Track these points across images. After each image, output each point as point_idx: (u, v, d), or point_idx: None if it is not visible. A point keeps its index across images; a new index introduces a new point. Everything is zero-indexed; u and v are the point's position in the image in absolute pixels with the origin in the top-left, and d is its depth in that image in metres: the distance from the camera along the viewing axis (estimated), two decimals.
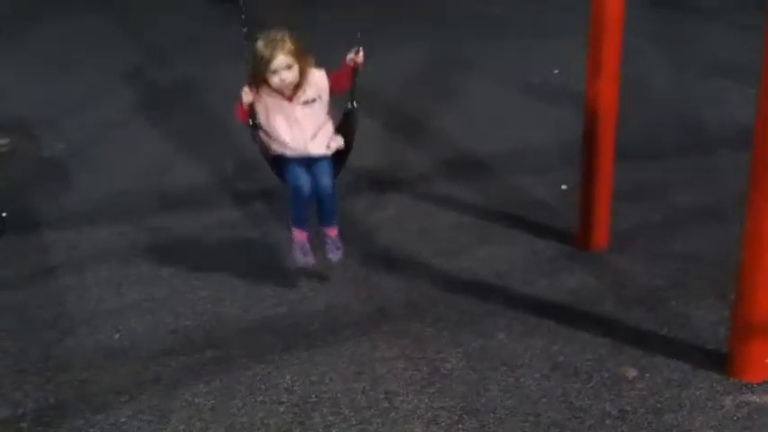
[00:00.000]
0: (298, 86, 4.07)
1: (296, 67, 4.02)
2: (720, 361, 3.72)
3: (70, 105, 7.22)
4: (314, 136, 4.14)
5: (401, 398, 3.63)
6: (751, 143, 3.50)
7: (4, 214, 5.28)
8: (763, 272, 3.58)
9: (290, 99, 4.09)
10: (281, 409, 3.61)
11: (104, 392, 3.76)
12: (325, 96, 4.14)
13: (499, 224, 5.04)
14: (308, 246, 4.30)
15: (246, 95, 4.06)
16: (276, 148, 4.17)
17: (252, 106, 4.10)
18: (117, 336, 4.16)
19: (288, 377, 3.80)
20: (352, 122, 4.29)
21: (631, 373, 3.72)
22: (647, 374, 3.70)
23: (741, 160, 3.84)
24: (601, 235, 4.71)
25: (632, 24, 4.54)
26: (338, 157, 4.26)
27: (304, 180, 4.14)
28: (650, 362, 3.77)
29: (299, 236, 4.30)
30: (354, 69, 4.11)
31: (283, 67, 4.00)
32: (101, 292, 4.53)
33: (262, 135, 4.17)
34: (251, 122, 4.14)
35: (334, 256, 4.37)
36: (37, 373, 3.91)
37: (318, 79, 4.13)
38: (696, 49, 8.19)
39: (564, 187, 5.35)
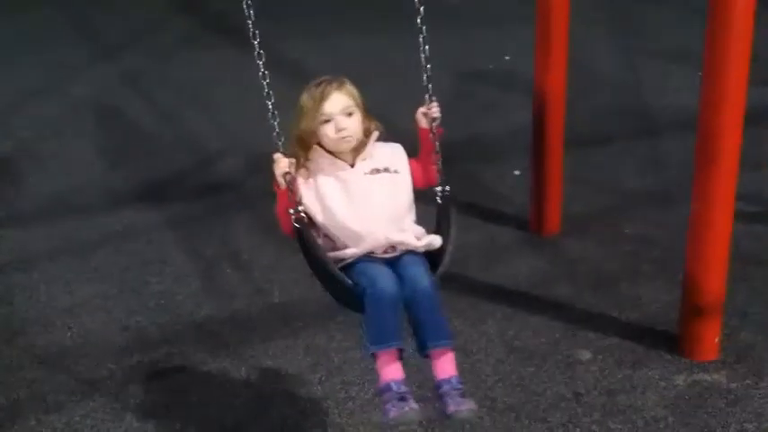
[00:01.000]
0: (359, 150, 2.85)
1: (359, 116, 2.82)
2: (672, 342, 3.77)
3: (16, 101, 7.09)
4: (394, 220, 2.81)
5: (357, 387, 3.62)
6: (695, 127, 3.54)
7: None
8: (709, 253, 3.64)
9: (352, 165, 2.85)
10: (237, 404, 3.58)
11: (57, 391, 3.70)
12: (405, 172, 2.89)
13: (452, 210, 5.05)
14: (404, 388, 2.68)
15: (281, 163, 2.73)
16: (341, 246, 2.78)
17: (294, 185, 2.74)
18: (69, 334, 4.10)
19: (243, 371, 3.78)
20: (448, 215, 2.96)
21: (585, 355, 3.75)
22: (600, 356, 3.74)
23: (688, 144, 3.89)
24: (553, 220, 4.75)
25: (580, 9, 4.58)
26: (432, 258, 2.86)
27: (387, 276, 2.69)
28: (603, 344, 3.82)
29: (390, 370, 2.68)
30: (433, 134, 2.91)
31: (339, 110, 2.78)
32: (51, 290, 4.46)
33: (316, 237, 2.78)
34: (294, 217, 2.73)
35: (460, 406, 2.67)
36: None
37: (394, 150, 2.93)
38: (644, 33, 8.29)
39: (516, 173, 5.38)
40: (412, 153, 2.95)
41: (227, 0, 4.32)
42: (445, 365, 2.74)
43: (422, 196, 2.96)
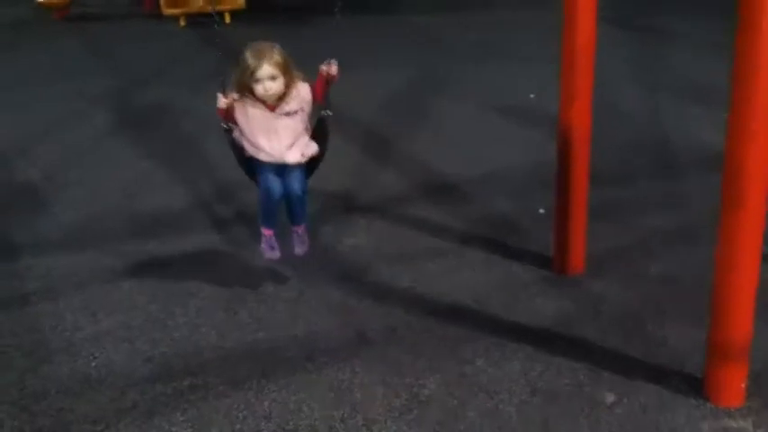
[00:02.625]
0: (281, 98, 4.23)
1: (281, 79, 4.19)
2: (698, 385, 3.75)
3: (44, 131, 7.18)
4: (291, 146, 4.33)
5: (379, 425, 3.62)
6: (721, 166, 3.54)
7: None
8: (736, 296, 3.62)
9: (272, 109, 4.26)
10: None
11: (80, 421, 3.71)
12: (308, 108, 4.34)
13: (476, 248, 5.06)
14: (275, 241, 4.53)
15: (221, 101, 4.22)
16: (251, 150, 4.34)
17: (230, 110, 4.25)
18: (93, 363, 4.12)
19: (266, 405, 3.78)
20: (325, 130, 4.48)
21: (609, 398, 3.73)
22: (624, 399, 3.72)
23: (713, 183, 3.89)
24: (577, 259, 4.74)
25: (604, 47, 4.59)
26: (311, 163, 4.47)
27: (276, 183, 4.32)
28: (628, 386, 3.79)
29: (267, 232, 4.53)
30: (328, 80, 4.27)
31: (267, 76, 4.16)
32: (76, 319, 4.49)
33: (237, 134, 4.35)
34: (225, 125, 4.32)
35: (301, 249, 4.64)
36: (12, 402, 3.86)
37: (303, 92, 4.30)
38: (668, 71, 8.31)
39: (541, 211, 5.38)
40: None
41: (252, 35, 4.40)
42: (298, 229, 4.62)
43: None
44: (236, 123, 4.33)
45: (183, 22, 11.09)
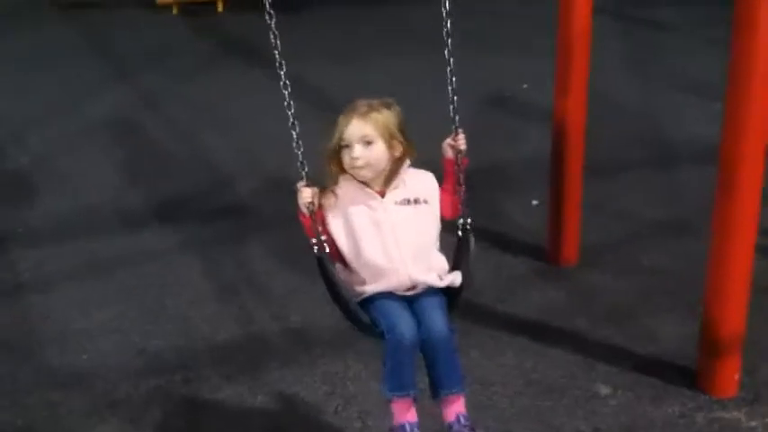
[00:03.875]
0: (390, 178, 2.84)
1: (381, 146, 2.79)
2: (691, 376, 3.74)
3: (36, 119, 7.14)
4: (420, 256, 2.82)
5: (374, 417, 3.60)
6: (715, 158, 3.54)
7: None
8: (729, 288, 3.62)
9: (381, 194, 2.84)
10: (254, 430, 3.57)
11: (73, 414, 3.69)
12: (435, 203, 2.89)
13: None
14: (417, 427, 2.82)
15: (306, 192, 2.74)
16: (359, 283, 2.81)
17: (320, 212, 2.79)
18: (85, 356, 4.10)
19: (259, 398, 3.77)
20: (465, 248, 2.97)
21: (604, 389, 3.73)
22: (618, 391, 3.71)
23: (706, 175, 3.89)
24: (570, 250, 4.73)
25: (599, 39, 4.58)
26: (452, 297, 2.91)
27: (407, 320, 2.72)
28: (622, 378, 3.79)
29: (404, 412, 2.78)
30: (459, 165, 2.93)
31: (357, 138, 2.76)
32: (67, 311, 4.47)
33: (336, 269, 2.83)
34: (315, 246, 2.76)
35: None
36: (3, 395, 3.84)
37: (426, 178, 2.92)
38: (662, 64, 8.30)
39: (534, 203, 5.37)
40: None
41: (246, 23, 4.34)
42: (455, 407, 2.82)
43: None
44: (329, 237, 2.80)
45: (175, 11, 11.04)
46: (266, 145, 6.22)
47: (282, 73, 2.77)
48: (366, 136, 2.77)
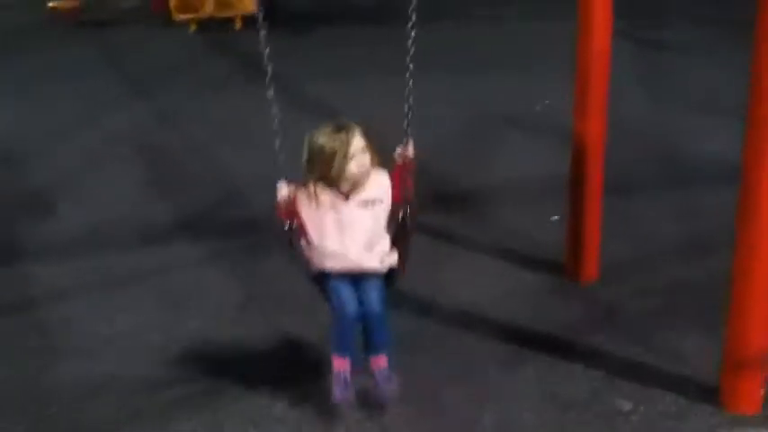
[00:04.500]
0: (359, 184, 3.49)
1: (368, 156, 3.48)
2: (713, 393, 3.72)
3: (55, 134, 7.19)
4: (367, 246, 3.52)
5: (395, 430, 3.60)
6: (733, 178, 3.53)
7: None
8: (752, 305, 3.60)
9: (345, 197, 3.50)
10: None
11: (90, 425, 3.71)
12: (387, 201, 3.55)
13: (488, 256, 5.05)
14: (348, 378, 3.59)
15: (282, 189, 3.53)
16: (318, 260, 3.54)
17: (293, 204, 3.51)
18: (104, 367, 4.12)
19: (279, 408, 3.77)
20: (407, 234, 3.64)
21: (625, 405, 3.71)
22: (641, 407, 3.70)
23: (724, 193, 3.89)
24: (590, 267, 4.72)
25: (616, 59, 4.59)
26: (391, 274, 3.66)
27: (351, 301, 3.53)
28: (644, 394, 3.77)
29: (340, 364, 3.60)
30: (405, 168, 3.57)
31: (361, 149, 3.45)
32: (86, 322, 4.49)
33: (303, 244, 3.56)
34: (287, 225, 3.52)
35: (387, 389, 3.64)
36: (22, 405, 3.86)
37: (383, 179, 3.55)
38: (680, 83, 8.30)
39: (554, 218, 5.36)
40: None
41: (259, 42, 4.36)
42: (379, 362, 3.65)
43: None
44: (300, 222, 3.52)
45: (193, 28, 11.11)
46: (283, 158, 6.24)
47: (268, 78, 3.53)
48: (364, 147, 3.47)
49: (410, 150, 3.56)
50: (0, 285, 4.91)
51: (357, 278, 3.56)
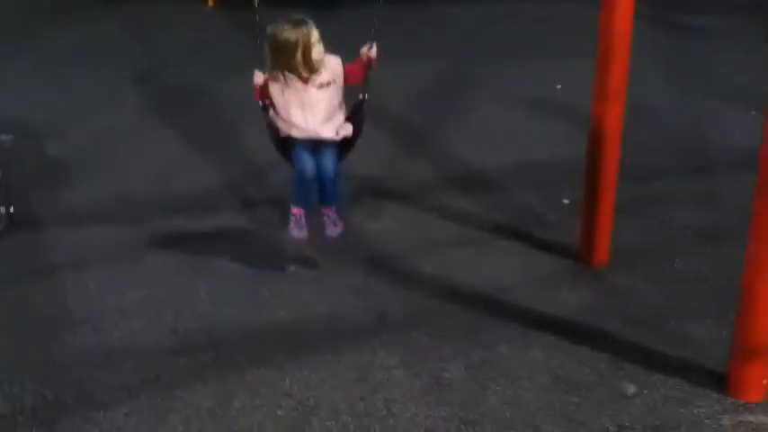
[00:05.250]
0: (316, 68, 4.24)
1: (321, 44, 4.22)
2: (719, 380, 3.72)
3: (77, 111, 7.22)
4: (325, 120, 4.32)
5: (399, 405, 3.63)
6: (752, 166, 3.51)
7: (11, 209, 5.28)
8: (764, 294, 3.59)
9: (305, 81, 4.25)
10: (280, 413, 3.61)
11: (103, 390, 3.76)
12: (340, 81, 4.31)
13: (500, 238, 5.05)
14: (304, 220, 4.42)
15: (258, 77, 4.28)
16: (285, 129, 4.34)
17: (265, 88, 4.29)
18: (117, 335, 4.17)
19: (287, 381, 3.81)
20: (361, 113, 4.45)
21: (630, 389, 3.72)
22: (645, 391, 3.70)
23: (742, 182, 3.87)
24: (602, 251, 4.72)
25: (639, 44, 4.57)
26: (345, 145, 4.45)
27: (309, 162, 4.30)
28: (649, 379, 3.78)
29: (297, 211, 4.42)
30: (368, 64, 4.31)
31: (317, 40, 4.20)
32: (102, 291, 4.54)
33: (272, 115, 4.35)
34: (261, 103, 4.34)
35: (332, 231, 4.50)
36: (35, 370, 3.92)
37: (334, 64, 4.30)
38: (698, 70, 8.22)
39: (566, 201, 5.36)
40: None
41: (281, 17, 4.37)
42: (328, 210, 4.49)
43: None
44: (271, 101, 4.33)
45: (211, 3, 11.07)
46: None
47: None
48: (319, 39, 4.22)
49: (373, 52, 4.30)
50: (19, 252, 4.96)
51: (316, 146, 4.34)
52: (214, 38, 9.55)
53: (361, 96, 4.45)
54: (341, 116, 4.39)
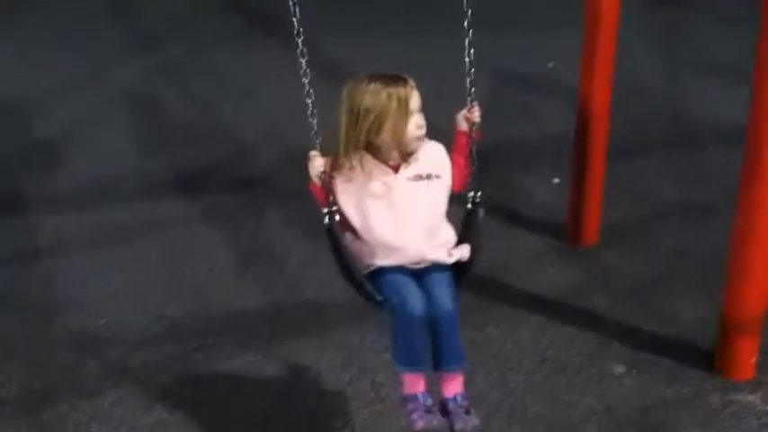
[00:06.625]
0: (410, 153, 2.79)
1: (423, 118, 2.78)
2: (707, 358, 3.72)
3: (61, 87, 7.15)
4: (427, 233, 2.79)
5: (387, 389, 3.61)
6: (739, 141, 3.49)
7: None
8: (751, 270, 3.58)
9: (396, 170, 2.78)
10: (265, 399, 3.59)
11: (89, 378, 3.74)
12: (446, 177, 2.85)
13: (488, 217, 4.93)
14: (429, 400, 2.80)
15: (316, 161, 2.74)
16: (368, 256, 2.76)
17: (331, 183, 2.75)
18: (103, 321, 4.13)
19: (273, 366, 3.79)
20: (475, 222, 2.94)
21: (619, 369, 3.71)
22: (634, 371, 3.70)
23: (729, 157, 3.84)
24: (591, 230, 4.70)
25: (623, 18, 4.52)
26: (458, 271, 2.87)
27: (417, 296, 2.71)
28: (638, 358, 3.77)
29: (415, 384, 2.80)
30: (471, 135, 2.90)
31: (419, 107, 2.75)
32: (87, 276, 4.50)
33: (346, 240, 2.80)
34: (326, 211, 2.76)
35: (466, 425, 2.76)
36: (20, 357, 3.88)
37: (436, 150, 2.87)
38: (687, 44, 8.18)
39: (556, 180, 5.32)
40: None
41: None
42: (454, 385, 2.83)
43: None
44: (336, 207, 2.77)
45: None
46: (287, 116, 6.18)
47: (300, 41, 2.77)
48: (420, 104, 2.76)
49: (476, 115, 2.90)
50: (3, 236, 4.91)
51: (419, 273, 2.79)
52: (199, 13, 9.44)
53: (471, 195, 2.92)
54: (449, 229, 2.88)
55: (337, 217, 2.76)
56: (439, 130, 2.96)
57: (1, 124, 6.43)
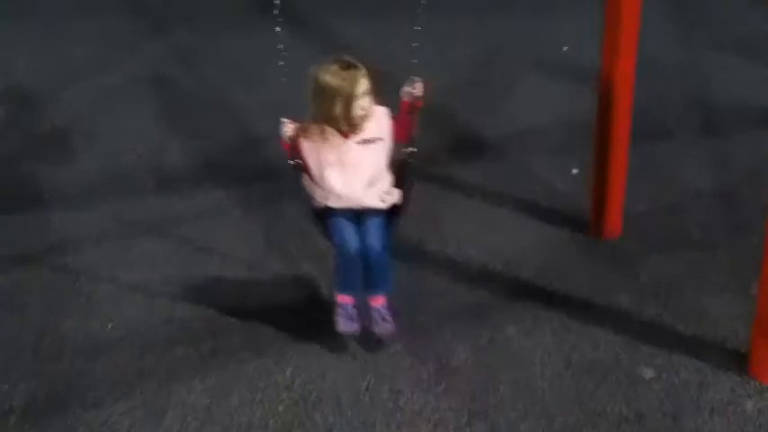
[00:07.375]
0: (359, 125, 3.48)
1: (370, 98, 3.46)
2: (741, 360, 3.57)
3: (72, 75, 7.01)
4: (369, 184, 3.52)
5: (406, 397, 3.48)
6: (764, 123, 3.30)
7: None
8: None
9: (346, 136, 3.48)
10: (281, 408, 3.47)
11: (96, 386, 3.63)
12: (387, 139, 3.53)
13: (507, 210, 4.84)
14: (353, 310, 3.63)
15: (287, 128, 3.53)
16: (321, 197, 3.56)
17: (296, 143, 3.52)
18: (110, 324, 4.01)
19: (288, 372, 3.66)
20: (407, 174, 3.63)
21: (648, 373, 3.56)
22: (663, 375, 3.55)
23: (756, 141, 3.66)
24: (614, 222, 4.53)
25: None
26: (390, 216, 3.63)
27: (352, 237, 3.52)
28: (667, 361, 3.62)
29: (344, 299, 3.64)
30: (413, 107, 3.53)
31: (364, 92, 3.42)
32: (95, 276, 4.36)
33: (306, 181, 3.59)
34: (292, 162, 3.55)
35: (381, 329, 3.65)
36: (27, 362, 3.78)
37: (381, 115, 3.53)
38: (713, 26, 7.96)
39: (575, 171, 5.14)
40: None
41: None
42: (379, 299, 3.64)
43: None
44: (302, 160, 3.54)
45: None
46: (300, 105, 6.05)
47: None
48: (368, 91, 3.42)
49: (419, 88, 3.51)
50: (11, 234, 4.78)
51: (359, 216, 3.56)
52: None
53: (404, 151, 3.60)
54: (387, 180, 3.58)
55: (300, 163, 3.53)
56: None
57: (10, 114, 6.28)
